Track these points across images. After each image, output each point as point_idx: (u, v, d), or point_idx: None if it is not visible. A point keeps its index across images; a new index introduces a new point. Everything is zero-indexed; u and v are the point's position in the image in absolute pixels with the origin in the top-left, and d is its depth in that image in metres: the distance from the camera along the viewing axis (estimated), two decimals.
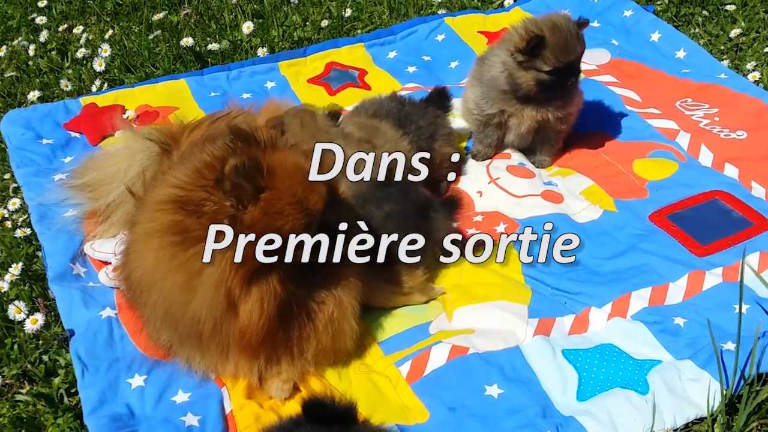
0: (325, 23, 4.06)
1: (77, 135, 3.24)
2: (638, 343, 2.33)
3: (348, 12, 4.11)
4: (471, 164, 3.09)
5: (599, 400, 2.16)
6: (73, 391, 2.25)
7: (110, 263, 2.57)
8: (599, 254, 2.66)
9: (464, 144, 3.19)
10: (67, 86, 3.58)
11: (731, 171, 2.95)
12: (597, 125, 3.25)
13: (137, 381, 2.22)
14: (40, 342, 2.39)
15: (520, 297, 2.50)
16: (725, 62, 3.56)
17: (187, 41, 3.73)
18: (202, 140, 2.54)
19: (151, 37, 3.85)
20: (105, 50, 3.66)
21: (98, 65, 3.59)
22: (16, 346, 2.37)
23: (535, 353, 2.30)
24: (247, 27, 3.86)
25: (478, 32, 3.88)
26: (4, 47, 3.96)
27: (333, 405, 1.58)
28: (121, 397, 2.18)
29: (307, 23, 4.10)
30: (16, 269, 2.56)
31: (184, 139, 2.65)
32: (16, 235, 2.75)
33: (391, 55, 3.78)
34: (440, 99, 3.08)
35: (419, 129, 2.88)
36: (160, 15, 3.98)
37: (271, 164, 2.01)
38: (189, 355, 2.19)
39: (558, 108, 2.94)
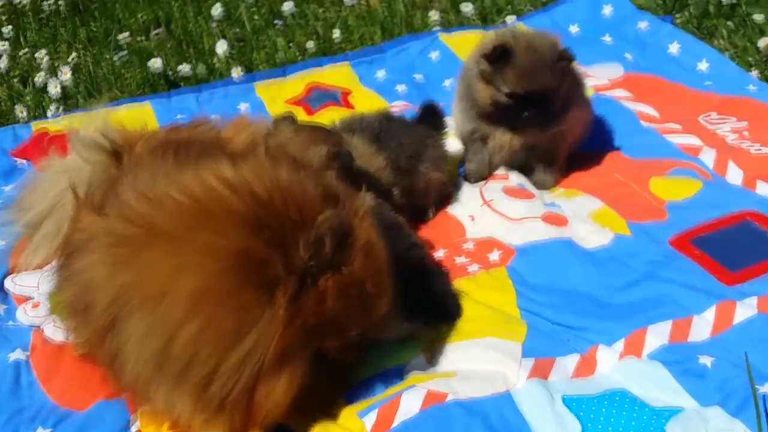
0: (311, 45, 3.74)
1: (23, 162, 2.92)
2: (656, 387, 1.89)
3: (336, 33, 3.79)
4: (463, 187, 2.72)
5: None
6: None
7: (32, 298, 2.21)
8: (610, 284, 2.24)
9: (454, 165, 2.81)
10: (22, 113, 3.27)
11: (764, 189, 2.55)
12: (608, 143, 2.88)
13: None
14: None
15: (512, 333, 2.08)
16: (754, 74, 3.17)
17: (155, 62, 3.41)
18: (163, 147, 2.17)
19: (116, 58, 3.54)
20: (65, 73, 3.35)
21: (53, 87, 3.27)
22: None
23: (529, 400, 1.87)
24: (221, 46, 3.54)
25: None
26: None
27: None
28: None
29: (292, 45, 3.79)
30: None
31: (140, 145, 2.28)
32: None
33: (380, 74, 3.45)
34: (430, 116, 2.72)
35: (400, 146, 2.51)
36: (125, 34, 3.67)
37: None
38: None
39: (536, 134, 2.57)
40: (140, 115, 3.12)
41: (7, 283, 2.28)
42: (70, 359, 2.01)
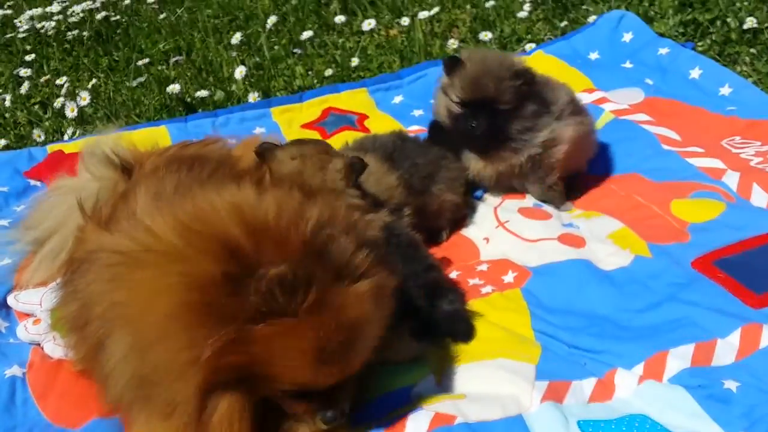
0: (329, 72, 3.72)
1: (37, 183, 2.90)
2: (678, 412, 1.80)
3: (355, 61, 3.78)
4: (478, 208, 2.65)
5: None
6: None
7: (33, 315, 2.16)
8: (629, 306, 2.16)
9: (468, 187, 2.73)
10: (40, 137, 3.27)
11: None
12: (628, 166, 2.80)
13: None
14: None
15: (526, 355, 2.00)
16: None
17: (174, 87, 3.40)
18: (173, 162, 2.16)
19: (134, 84, 3.54)
20: (84, 98, 3.36)
21: (70, 111, 3.27)
22: None
23: (543, 424, 1.79)
24: (240, 72, 3.53)
25: None
26: None
27: None
28: None
29: (311, 72, 3.77)
30: None
31: (150, 160, 2.26)
32: None
33: (397, 99, 3.41)
34: (439, 134, 2.66)
35: (414, 166, 2.46)
36: (146, 60, 3.68)
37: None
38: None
39: (504, 159, 2.56)
40: (155, 138, 3.09)
41: (10, 300, 2.24)
42: (67, 375, 1.97)
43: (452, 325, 2.06)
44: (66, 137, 3.27)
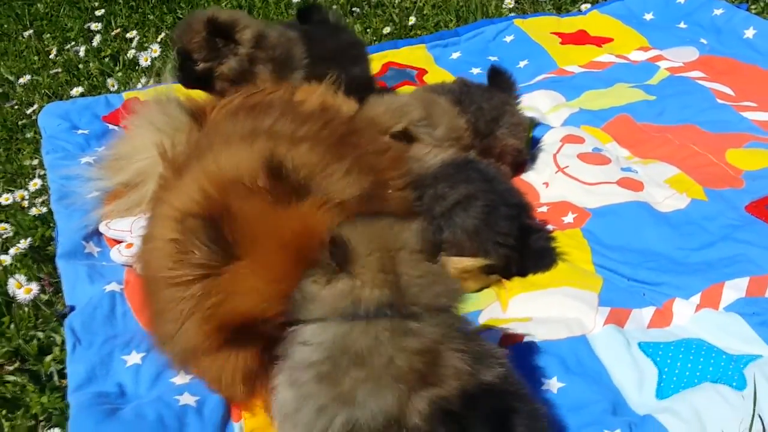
0: (387, 30, 3.83)
1: (115, 128, 3.05)
2: (733, 337, 1.91)
3: (412, 20, 3.88)
4: (537, 154, 2.75)
5: (684, 396, 1.76)
6: (65, 371, 1.96)
7: (124, 241, 2.32)
8: (685, 245, 2.26)
9: (530, 134, 2.83)
10: (113, 86, 3.43)
11: None
12: (684, 118, 2.89)
13: (134, 358, 1.92)
14: (39, 321, 2.13)
15: (589, 284, 2.11)
16: None
17: None
18: (240, 110, 2.29)
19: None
20: (155, 50, 3.51)
21: (144, 60, 3.42)
22: (12, 325, 2.12)
23: (606, 344, 1.91)
24: None
25: (551, 33, 3.58)
26: (54, 50, 3.88)
27: None
28: (113, 374, 1.88)
29: (369, 30, 3.88)
30: (24, 243, 2.33)
31: (215, 112, 2.40)
32: (32, 214, 2.54)
33: (455, 55, 3.51)
34: (498, 78, 2.75)
35: (480, 110, 2.56)
36: None
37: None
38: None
39: None
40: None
41: (102, 227, 2.39)
42: None
43: (541, 261, 2.18)
44: (139, 86, 3.42)
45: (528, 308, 2.06)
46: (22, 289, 2.12)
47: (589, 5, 3.84)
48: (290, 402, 1.41)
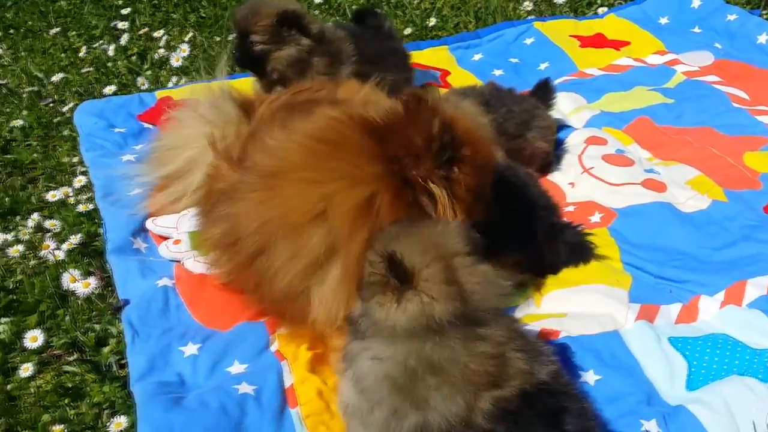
0: (408, 31, 3.93)
1: (150, 126, 3.14)
2: (756, 332, 2.02)
3: (432, 21, 3.97)
4: (562, 155, 2.85)
5: (713, 388, 1.86)
6: (123, 362, 2.07)
7: (170, 237, 2.41)
8: (708, 244, 2.37)
9: (555, 136, 2.93)
10: (144, 84, 3.52)
11: None
12: (702, 121, 2.98)
13: (190, 349, 2.02)
14: (93, 313, 2.23)
15: (619, 282, 2.22)
16: None
17: None
18: (288, 107, 2.38)
19: (230, 38, 3.78)
20: (184, 50, 3.60)
21: (175, 60, 3.52)
22: (68, 317, 2.22)
23: (637, 339, 2.01)
24: None
25: (570, 36, 3.68)
26: (84, 48, 3.96)
27: None
28: (172, 365, 1.98)
29: None
30: (75, 239, 2.42)
31: (262, 108, 2.49)
32: (78, 210, 2.63)
33: (476, 57, 3.61)
34: (544, 90, 2.90)
35: (510, 112, 2.67)
36: None
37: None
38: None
39: None
40: (249, 88, 3.34)
41: (148, 224, 2.49)
42: (210, 288, 2.21)
43: (581, 254, 2.29)
44: (170, 84, 3.51)
45: (562, 304, 2.17)
46: (81, 283, 2.21)
47: (605, 8, 3.94)
48: (360, 404, 1.51)
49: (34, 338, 2.10)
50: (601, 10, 3.94)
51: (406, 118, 1.80)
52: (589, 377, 1.91)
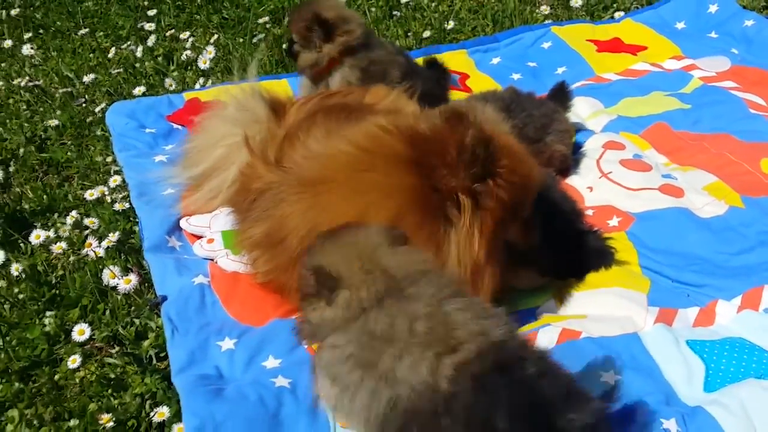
0: (426, 34, 4.00)
1: (179, 127, 3.23)
2: None
3: (450, 24, 4.05)
4: (580, 159, 2.92)
5: (730, 390, 1.93)
6: (162, 355, 2.16)
7: (203, 236, 2.50)
8: (725, 250, 2.43)
9: (573, 139, 3.01)
10: (171, 85, 3.60)
11: None
12: (719, 127, 3.04)
13: (227, 344, 2.11)
14: (132, 308, 2.33)
15: (637, 285, 2.29)
16: None
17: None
18: (322, 111, 2.47)
19: (254, 40, 3.86)
20: (210, 52, 3.69)
21: (202, 63, 3.61)
22: (108, 311, 2.31)
23: (656, 341, 2.09)
24: None
25: (587, 40, 3.75)
26: (113, 49, 4.05)
27: None
28: (210, 358, 2.08)
29: (409, 34, 4.06)
30: (113, 236, 2.52)
31: (292, 110, 2.57)
32: (114, 209, 2.72)
33: (495, 61, 3.68)
34: (561, 94, 2.98)
35: (530, 116, 2.75)
36: (266, 19, 4.00)
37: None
38: None
39: None
40: (278, 89, 3.41)
41: (182, 223, 2.58)
42: (244, 285, 2.30)
43: (603, 258, 2.36)
44: (197, 86, 3.60)
45: (583, 306, 2.24)
46: (122, 280, 2.30)
47: (622, 13, 4.01)
48: (340, 396, 1.61)
49: (81, 331, 2.20)
50: (617, 15, 4.01)
51: (446, 130, 1.88)
52: (610, 377, 1.97)
